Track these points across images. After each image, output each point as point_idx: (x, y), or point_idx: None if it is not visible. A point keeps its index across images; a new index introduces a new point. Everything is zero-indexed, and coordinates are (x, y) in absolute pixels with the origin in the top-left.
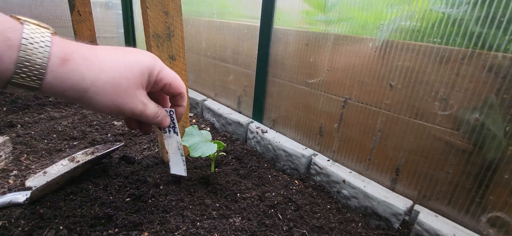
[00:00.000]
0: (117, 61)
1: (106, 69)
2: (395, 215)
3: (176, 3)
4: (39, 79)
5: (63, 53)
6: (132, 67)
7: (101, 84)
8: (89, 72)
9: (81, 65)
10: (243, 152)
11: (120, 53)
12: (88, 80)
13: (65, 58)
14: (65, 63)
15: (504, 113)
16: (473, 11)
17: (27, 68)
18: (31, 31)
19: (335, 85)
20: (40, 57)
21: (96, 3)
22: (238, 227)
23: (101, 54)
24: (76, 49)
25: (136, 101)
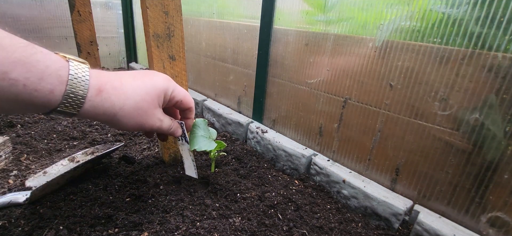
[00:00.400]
0: (138, 87)
1: (130, 95)
2: (395, 215)
3: (176, 3)
4: (78, 107)
5: (98, 85)
6: (150, 91)
7: (126, 109)
8: (118, 100)
9: (111, 95)
10: (243, 152)
11: (139, 79)
12: (117, 106)
13: (100, 89)
14: (99, 93)
15: (504, 113)
16: (473, 11)
17: (71, 99)
18: (75, 68)
19: (335, 85)
20: (82, 90)
21: (96, 3)
22: (238, 227)
23: (125, 82)
24: (108, 80)
25: (154, 119)
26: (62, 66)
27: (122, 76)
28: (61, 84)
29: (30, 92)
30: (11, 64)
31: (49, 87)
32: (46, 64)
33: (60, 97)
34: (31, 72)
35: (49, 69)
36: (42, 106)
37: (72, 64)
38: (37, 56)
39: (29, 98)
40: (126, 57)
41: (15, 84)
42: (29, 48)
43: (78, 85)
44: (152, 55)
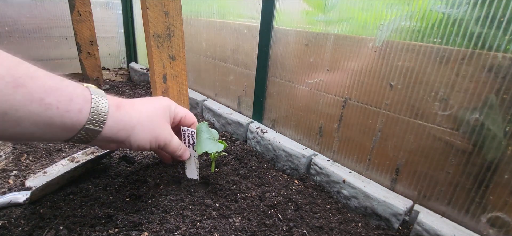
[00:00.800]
0: (147, 106)
1: (143, 111)
2: (395, 215)
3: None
4: (102, 123)
5: (116, 103)
6: (158, 108)
7: (142, 122)
8: (135, 113)
9: (129, 109)
10: (243, 152)
11: (147, 101)
12: (135, 120)
13: (118, 106)
14: (118, 109)
15: (504, 113)
16: (473, 11)
17: (96, 115)
18: (94, 90)
19: (335, 85)
20: (104, 106)
21: (96, 3)
22: (238, 227)
23: (136, 102)
24: (122, 99)
25: (166, 132)
26: (84, 89)
27: (132, 99)
28: (86, 103)
29: (62, 113)
30: (46, 91)
31: (78, 107)
32: (74, 87)
33: (87, 115)
34: (63, 96)
35: (76, 91)
36: (71, 127)
37: (91, 88)
38: (65, 82)
39: (61, 120)
40: (126, 57)
41: (50, 108)
42: (58, 77)
43: (100, 102)
44: (152, 55)
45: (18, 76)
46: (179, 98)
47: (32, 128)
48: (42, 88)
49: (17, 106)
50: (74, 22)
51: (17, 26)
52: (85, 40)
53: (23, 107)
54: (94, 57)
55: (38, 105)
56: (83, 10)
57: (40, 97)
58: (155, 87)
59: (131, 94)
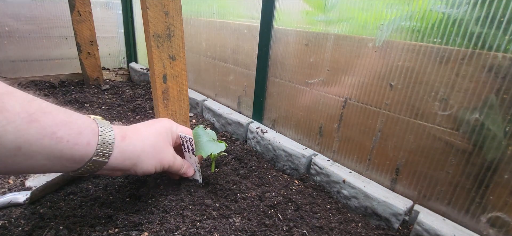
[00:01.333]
0: (151, 131)
1: (147, 138)
2: (395, 215)
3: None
4: (109, 154)
5: (121, 134)
6: (161, 131)
7: (147, 149)
8: (139, 142)
9: (133, 138)
10: (243, 152)
11: (150, 126)
12: (139, 148)
13: (123, 136)
14: (124, 139)
15: (504, 113)
16: (473, 11)
17: (103, 147)
18: (100, 122)
19: (335, 85)
20: (110, 138)
21: (96, 3)
22: (238, 227)
23: (140, 129)
24: (127, 129)
25: (169, 156)
26: (92, 121)
27: (136, 126)
28: (94, 136)
29: (71, 146)
30: (58, 125)
31: (86, 140)
32: (82, 121)
33: (94, 148)
34: (72, 130)
35: (84, 124)
36: (80, 159)
37: (97, 120)
38: (74, 116)
39: (70, 153)
40: (126, 57)
41: (61, 141)
42: (68, 111)
43: (107, 134)
44: (152, 55)
45: (32, 112)
46: (179, 98)
47: (43, 161)
48: (53, 122)
49: (31, 141)
50: (74, 22)
51: (17, 26)
52: (85, 40)
53: (36, 142)
54: (94, 57)
55: (50, 139)
56: (83, 10)
57: (52, 131)
58: (155, 87)
59: (131, 94)
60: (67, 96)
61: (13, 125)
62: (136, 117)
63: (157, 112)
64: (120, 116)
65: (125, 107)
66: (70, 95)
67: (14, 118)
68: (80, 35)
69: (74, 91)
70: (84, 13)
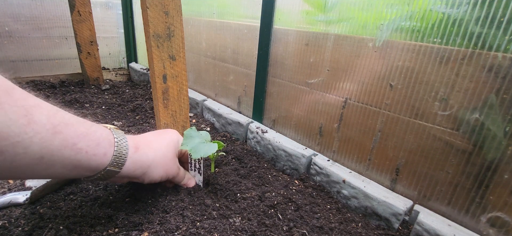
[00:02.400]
0: (161, 143)
1: (158, 149)
2: (395, 215)
3: (176, 3)
4: (122, 165)
5: (135, 145)
6: (169, 144)
7: (157, 160)
8: (151, 153)
9: (145, 149)
10: (243, 152)
11: (160, 137)
12: (150, 158)
13: (137, 147)
14: (137, 150)
15: (504, 113)
16: (473, 11)
17: (118, 158)
18: (116, 133)
19: (335, 85)
20: (125, 149)
21: (96, 3)
22: (238, 227)
23: (151, 140)
24: (139, 140)
25: (175, 167)
26: (109, 133)
27: (147, 137)
28: (111, 147)
29: (90, 157)
30: (78, 136)
31: (103, 151)
32: (100, 132)
33: (110, 158)
34: (92, 141)
35: (102, 136)
36: (95, 168)
37: (113, 131)
38: (93, 128)
39: (88, 162)
40: (126, 57)
41: (80, 152)
42: (87, 122)
43: (122, 145)
44: (152, 55)
45: (57, 124)
46: (179, 98)
47: (61, 169)
48: (75, 134)
49: (54, 151)
50: (74, 22)
51: (17, 26)
52: (85, 40)
53: (58, 152)
54: (94, 57)
55: (71, 150)
56: (83, 10)
57: (73, 143)
58: (155, 87)
59: (131, 94)
60: (67, 96)
61: (39, 136)
62: (136, 117)
63: (157, 112)
64: (120, 116)
65: (125, 107)
66: (70, 95)
67: (40, 129)
68: (80, 35)
69: (74, 91)
70: (84, 13)
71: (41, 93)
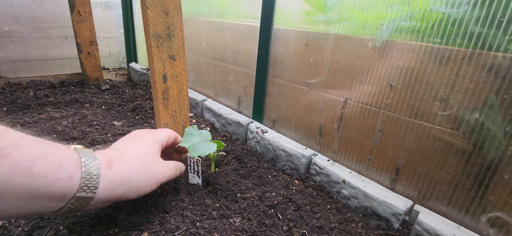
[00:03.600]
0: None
1: (134, 158)
2: (395, 215)
3: (176, 3)
4: (95, 188)
5: (106, 161)
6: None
7: (137, 170)
8: (127, 165)
9: (120, 163)
10: (243, 152)
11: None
12: (128, 172)
13: (109, 163)
14: (110, 166)
15: (504, 113)
16: (473, 11)
17: (88, 180)
18: (82, 151)
19: (335, 85)
20: (95, 168)
21: (96, 3)
22: (238, 227)
23: (124, 151)
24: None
25: (162, 168)
26: (73, 151)
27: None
28: (77, 168)
29: (51, 182)
30: (34, 159)
31: (68, 173)
32: (63, 151)
33: (78, 181)
34: (51, 162)
35: (65, 156)
36: (61, 196)
37: (79, 150)
38: (53, 146)
39: (49, 190)
40: (126, 57)
41: (38, 178)
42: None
43: (91, 164)
44: (152, 55)
45: (4, 146)
46: (179, 98)
47: (16, 202)
48: (29, 156)
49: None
50: (74, 22)
51: (17, 26)
52: (85, 40)
53: (8, 180)
54: (94, 57)
55: (24, 176)
56: (83, 10)
57: (27, 167)
58: (155, 87)
59: (131, 94)
60: (67, 96)
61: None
62: (136, 117)
63: (157, 112)
64: (120, 116)
65: (125, 107)
66: (70, 95)
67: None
68: (80, 35)
69: (74, 91)
70: (84, 13)
71: (41, 93)
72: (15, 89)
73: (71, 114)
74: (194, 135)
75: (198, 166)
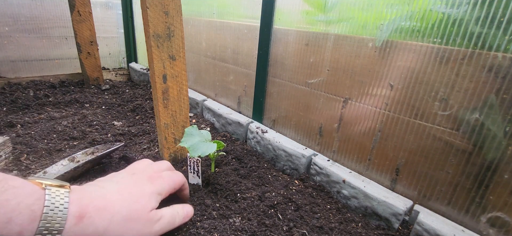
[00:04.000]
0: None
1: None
2: (395, 215)
3: (176, 3)
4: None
5: (79, 211)
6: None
7: (113, 227)
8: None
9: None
10: (243, 152)
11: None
12: (101, 228)
13: (81, 216)
14: (80, 220)
15: (504, 113)
16: (473, 11)
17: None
18: (52, 197)
19: (335, 85)
20: (59, 222)
21: (96, 3)
22: (238, 227)
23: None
24: (90, 201)
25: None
26: (37, 198)
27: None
28: (32, 222)
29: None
30: None
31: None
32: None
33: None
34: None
35: (19, 206)
36: None
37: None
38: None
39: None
40: (126, 57)
41: None
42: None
43: (55, 217)
44: (152, 55)
45: None
46: (179, 98)
47: None
48: None
49: None
50: (74, 22)
51: (17, 26)
52: (85, 40)
53: None
54: (94, 57)
55: None
56: (83, 10)
57: None
58: (155, 87)
59: (131, 94)
60: (67, 96)
61: None
62: (136, 117)
63: (157, 112)
64: (120, 116)
65: (125, 107)
66: (70, 95)
67: None
68: (80, 35)
69: (74, 91)
70: (84, 13)
71: (41, 93)
72: (15, 89)
73: (71, 114)
74: (194, 135)
75: (198, 166)
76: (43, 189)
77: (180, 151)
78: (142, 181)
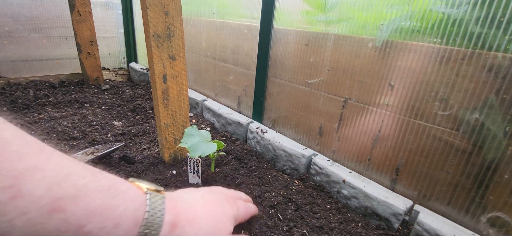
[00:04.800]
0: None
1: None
2: (395, 215)
3: (176, 3)
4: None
5: (173, 220)
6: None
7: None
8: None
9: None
10: (243, 152)
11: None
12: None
13: (174, 224)
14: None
15: (504, 113)
16: (473, 11)
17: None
18: (152, 203)
19: (335, 85)
20: (156, 229)
21: (96, 3)
22: None
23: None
24: (182, 210)
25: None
26: (140, 204)
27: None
28: (135, 227)
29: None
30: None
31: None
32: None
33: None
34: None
35: (126, 211)
36: None
37: (149, 197)
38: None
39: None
40: (126, 57)
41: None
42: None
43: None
44: (152, 55)
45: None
46: (179, 98)
47: None
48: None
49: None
50: (74, 22)
51: (17, 26)
52: (85, 40)
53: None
54: (94, 57)
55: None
56: (83, 10)
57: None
58: (155, 87)
59: (131, 94)
60: (67, 96)
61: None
62: (136, 117)
63: (157, 112)
64: (120, 116)
65: (125, 107)
66: (70, 95)
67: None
68: (80, 35)
69: (74, 91)
70: (84, 13)
71: (41, 93)
72: (15, 89)
73: (71, 114)
74: (194, 135)
75: (198, 166)
76: (144, 194)
77: (180, 151)
78: (222, 202)
